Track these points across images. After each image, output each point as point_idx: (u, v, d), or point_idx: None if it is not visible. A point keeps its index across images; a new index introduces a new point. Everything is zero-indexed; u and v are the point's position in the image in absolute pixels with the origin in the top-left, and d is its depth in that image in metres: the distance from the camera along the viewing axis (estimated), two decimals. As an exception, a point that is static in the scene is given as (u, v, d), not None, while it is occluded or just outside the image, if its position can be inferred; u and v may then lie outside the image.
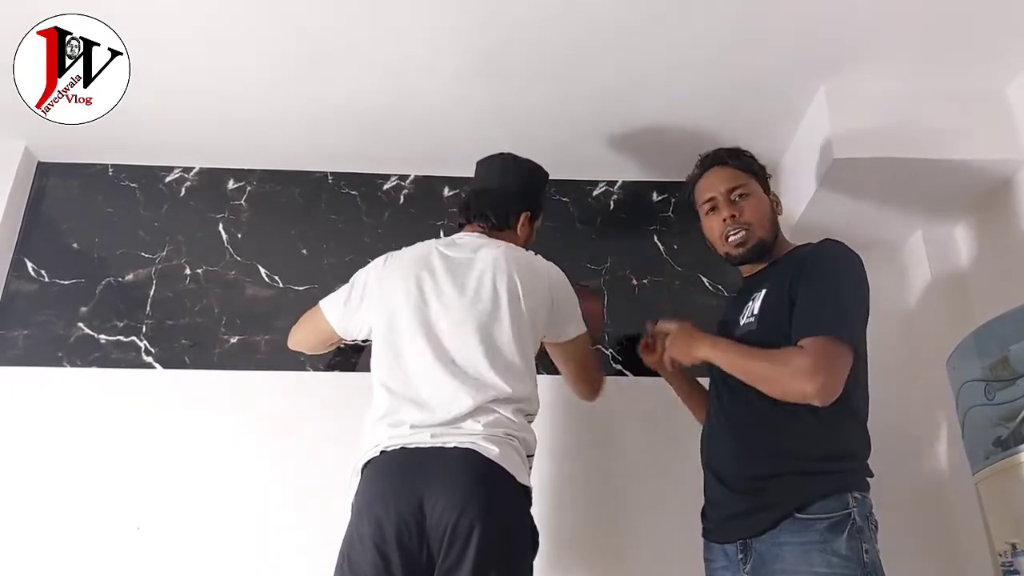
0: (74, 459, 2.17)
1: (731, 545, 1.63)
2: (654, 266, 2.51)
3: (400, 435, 1.60)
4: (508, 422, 1.63)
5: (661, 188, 2.62)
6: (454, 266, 1.80)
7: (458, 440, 1.56)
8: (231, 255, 2.48)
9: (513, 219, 1.95)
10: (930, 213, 2.40)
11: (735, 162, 1.83)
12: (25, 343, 2.33)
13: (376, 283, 1.85)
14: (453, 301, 1.74)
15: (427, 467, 1.54)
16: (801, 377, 1.47)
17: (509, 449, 1.60)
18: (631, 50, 2.10)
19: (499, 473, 1.55)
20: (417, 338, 1.70)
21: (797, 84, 2.23)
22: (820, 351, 1.48)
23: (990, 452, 1.95)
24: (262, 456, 2.19)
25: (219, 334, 2.37)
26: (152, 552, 2.09)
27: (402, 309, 1.75)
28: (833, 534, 1.47)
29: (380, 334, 1.78)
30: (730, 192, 1.79)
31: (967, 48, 2.10)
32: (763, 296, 1.67)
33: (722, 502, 1.66)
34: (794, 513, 1.51)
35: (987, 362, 1.98)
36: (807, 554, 1.47)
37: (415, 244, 1.92)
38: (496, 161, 2.04)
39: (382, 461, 1.60)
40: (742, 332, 1.69)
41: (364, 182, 2.60)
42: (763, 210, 1.79)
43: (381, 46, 2.09)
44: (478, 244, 1.86)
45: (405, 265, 1.83)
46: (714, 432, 1.74)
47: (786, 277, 1.64)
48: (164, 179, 2.57)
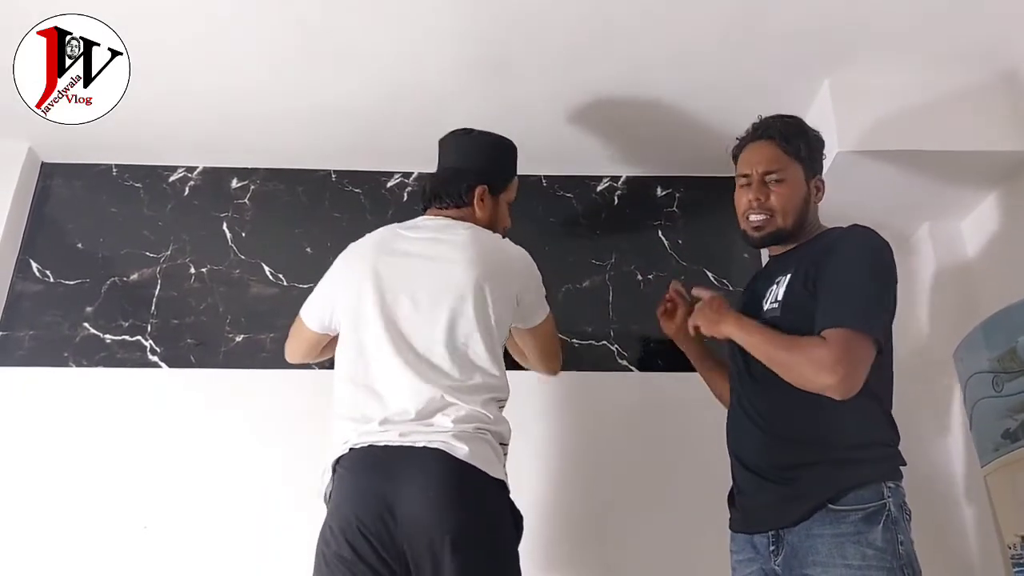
0: (81, 459, 2.18)
1: (761, 536, 1.59)
2: (659, 261, 2.50)
3: (369, 431, 1.56)
4: (479, 415, 1.58)
5: (665, 183, 2.61)
6: (416, 250, 1.74)
7: (427, 439, 1.52)
8: (235, 254, 2.48)
9: (467, 195, 1.85)
10: (936, 205, 2.38)
11: (782, 142, 1.74)
12: (31, 344, 2.34)
13: (339, 274, 1.81)
14: (414, 288, 1.68)
15: (396, 468, 1.51)
16: (821, 369, 1.45)
17: (481, 444, 1.55)
18: (633, 43, 2.09)
19: (469, 472, 1.51)
20: (378, 330, 1.65)
21: (802, 77, 2.21)
22: (843, 344, 1.45)
23: (999, 444, 1.94)
24: (269, 454, 2.19)
25: (224, 333, 2.37)
26: (159, 551, 2.09)
27: (363, 298, 1.70)
28: (868, 525, 1.44)
29: (345, 326, 1.73)
30: (765, 174, 1.73)
31: (972, 39, 2.09)
32: (787, 281, 1.63)
33: (752, 491, 1.62)
34: (828, 504, 1.48)
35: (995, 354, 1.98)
36: (841, 546, 1.44)
37: (377, 229, 1.87)
38: (449, 140, 1.96)
39: (352, 458, 1.57)
40: (766, 318, 1.64)
41: (367, 179, 2.60)
42: (793, 199, 1.72)
43: (382, 41, 2.09)
44: (440, 226, 1.80)
45: (365, 253, 1.78)
46: (740, 419, 1.69)
47: (811, 263, 1.61)
48: (168, 178, 2.57)
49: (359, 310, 1.70)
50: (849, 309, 1.50)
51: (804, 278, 1.59)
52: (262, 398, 2.27)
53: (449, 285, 1.67)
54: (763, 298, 1.69)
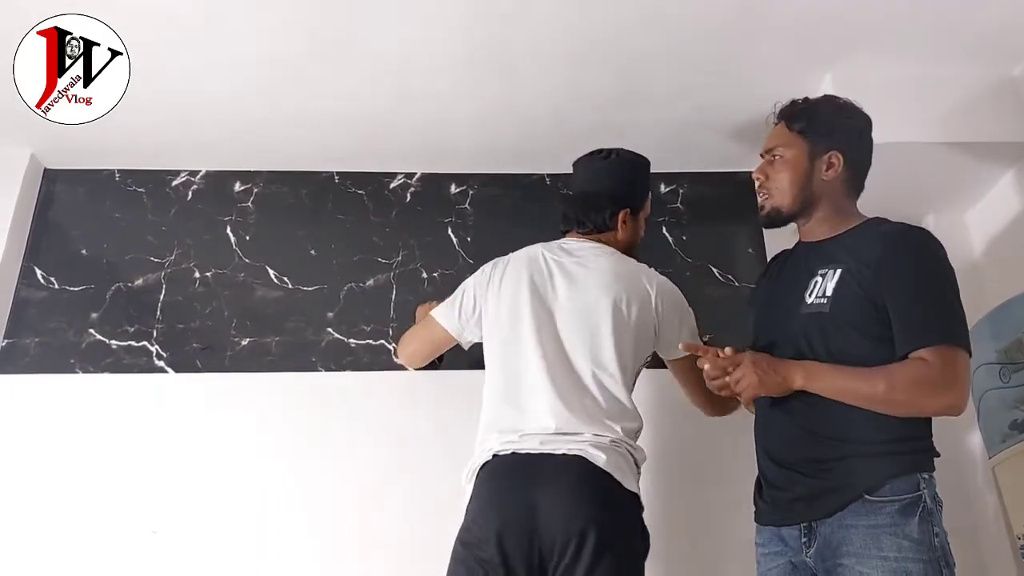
0: (89, 465, 2.17)
1: (790, 528, 1.57)
2: (664, 258, 2.50)
3: (511, 441, 1.62)
4: (614, 431, 1.64)
5: (669, 179, 2.61)
6: (566, 273, 1.80)
7: (567, 447, 1.58)
8: (240, 257, 2.48)
9: (611, 220, 1.90)
10: (941, 197, 2.39)
11: (789, 120, 1.73)
12: (37, 351, 2.34)
13: (487, 287, 1.86)
14: (566, 311, 1.75)
15: (538, 474, 1.57)
16: (936, 392, 1.44)
17: (616, 456, 1.61)
18: (633, 39, 2.09)
19: (607, 479, 1.57)
20: (530, 346, 1.71)
21: (804, 71, 2.21)
22: (949, 362, 1.44)
23: (1007, 435, 1.94)
24: (276, 458, 2.19)
25: (230, 337, 2.37)
26: (168, 556, 2.09)
27: (517, 313, 1.76)
28: (904, 517, 1.43)
29: (495, 338, 1.80)
30: (766, 153, 1.74)
31: (974, 32, 2.09)
32: (838, 277, 1.57)
33: (783, 485, 1.60)
34: (864, 495, 1.46)
35: (1001, 345, 1.98)
36: (877, 538, 1.43)
37: (522, 249, 1.91)
38: (586, 162, 1.99)
39: (495, 465, 1.63)
40: (810, 311, 1.59)
41: (371, 181, 2.60)
42: (789, 178, 1.69)
43: (384, 42, 2.08)
44: (586, 250, 1.85)
45: (519, 268, 1.83)
46: (772, 418, 1.64)
47: (864, 264, 1.56)
48: (171, 183, 2.57)
49: (512, 323, 1.76)
50: (943, 325, 1.48)
51: (858, 276, 1.55)
52: (269, 401, 2.26)
53: (596, 310, 1.73)
54: (803, 288, 1.63)
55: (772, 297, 1.74)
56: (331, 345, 2.38)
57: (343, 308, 2.43)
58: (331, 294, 2.44)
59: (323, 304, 2.43)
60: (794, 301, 1.63)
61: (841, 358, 1.53)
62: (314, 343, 2.38)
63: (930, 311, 1.50)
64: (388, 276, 2.47)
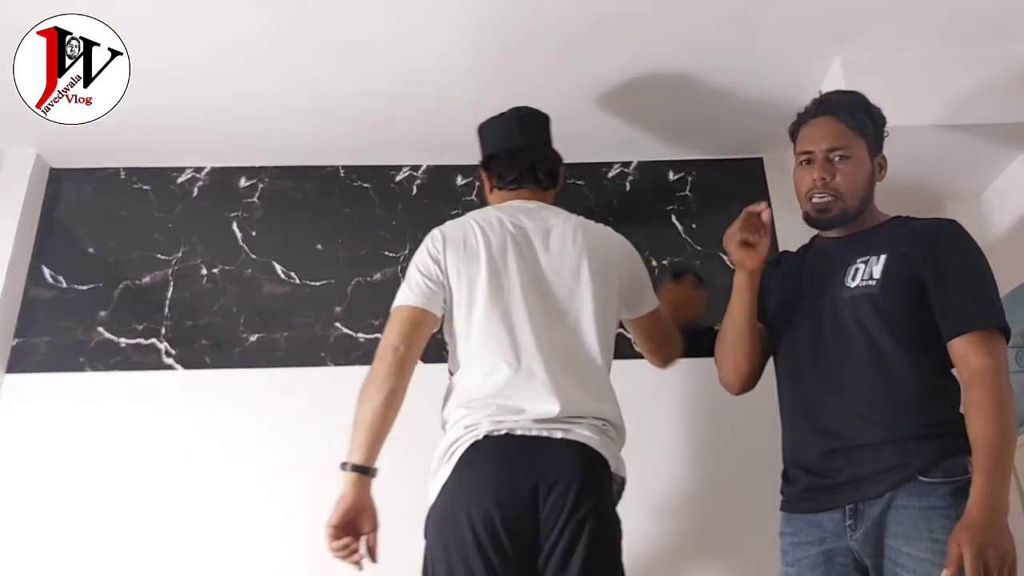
0: (99, 462, 2.18)
1: (830, 513, 1.53)
2: (673, 246, 2.48)
3: (503, 423, 1.57)
4: (608, 411, 1.64)
5: (677, 167, 2.59)
6: (538, 241, 1.74)
7: (563, 431, 1.56)
8: (246, 253, 2.47)
9: (559, 175, 1.89)
10: (954, 179, 2.36)
11: (847, 118, 1.67)
12: (46, 349, 2.34)
13: (444, 257, 1.73)
14: (549, 282, 1.70)
15: (538, 457, 1.54)
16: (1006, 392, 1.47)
17: (606, 439, 1.60)
18: (642, 26, 2.07)
19: (602, 463, 1.57)
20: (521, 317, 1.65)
21: (813, 55, 2.19)
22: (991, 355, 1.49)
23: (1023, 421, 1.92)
24: (286, 453, 2.19)
25: (238, 332, 2.37)
26: (179, 552, 2.09)
27: (498, 283, 1.68)
28: (957, 499, 1.41)
29: (475, 310, 1.68)
30: (829, 151, 1.65)
31: (985, 13, 2.06)
32: (884, 261, 1.58)
33: (824, 470, 1.56)
34: (917, 476, 1.45)
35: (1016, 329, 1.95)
36: (929, 519, 1.42)
37: (462, 218, 1.80)
38: (514, 118, 1.91)
39: (489, 445, 1.56)
40: (856, 293, 1.58)
41: (376, 174, 2.59)
42: (860, 179, 1.65)
43: (387, 32, 2.07)
44: (546, 214, 1.80)
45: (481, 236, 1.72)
46: (813, 399, 1.62)
47: (905, 250, 1.57)
48: (176, 180, 2.57)
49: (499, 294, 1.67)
50: (988, 310, 1.53)
51: (905, 262, 1.57)
52: (278, 396, 2.27)
53: (578, 281, 1.69)
54: (840, 275, 1.63)
55: (798, 286, 1.72)
56: (340, 340, 2.37)
57: (351, 302, 2.42)
58: (338, 288, 2.44)
59: (331, 299, 2.42)
60: (832, 288, 1.63)
61: (891, 328, 1.55)
62: (322, 338, 2.37)
63: (975, 296, 1.53)
64: (395, 269, 2.46)
